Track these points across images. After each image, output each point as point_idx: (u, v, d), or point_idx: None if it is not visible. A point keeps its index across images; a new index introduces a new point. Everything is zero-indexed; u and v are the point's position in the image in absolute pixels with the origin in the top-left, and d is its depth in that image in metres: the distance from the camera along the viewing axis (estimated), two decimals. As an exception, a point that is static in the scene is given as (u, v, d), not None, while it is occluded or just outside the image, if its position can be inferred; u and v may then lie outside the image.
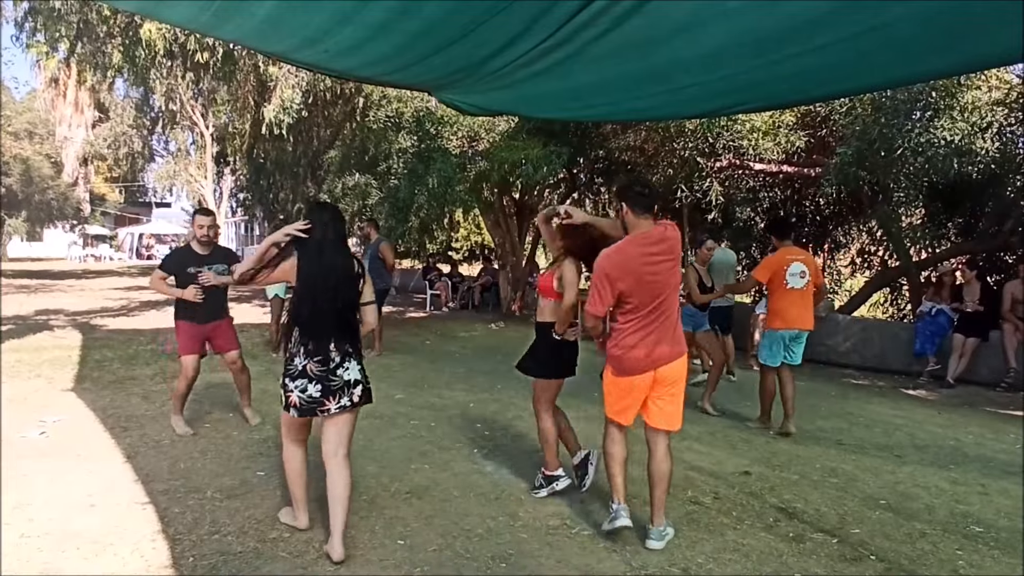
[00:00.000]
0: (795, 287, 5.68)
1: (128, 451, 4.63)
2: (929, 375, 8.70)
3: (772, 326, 5.79)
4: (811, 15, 2.50)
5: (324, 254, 3.25)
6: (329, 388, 3.23)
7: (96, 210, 43.49)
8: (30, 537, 3.31)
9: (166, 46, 11.43)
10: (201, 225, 5.13)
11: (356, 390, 3.31)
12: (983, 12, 2.26)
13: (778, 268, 5.75)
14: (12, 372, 7.00)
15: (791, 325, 5.69)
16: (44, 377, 6.87)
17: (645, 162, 11.39)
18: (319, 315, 3.21)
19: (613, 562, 3.26)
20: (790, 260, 5.73)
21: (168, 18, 5.48)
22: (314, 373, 3.21)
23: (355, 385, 3.31)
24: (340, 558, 3.15)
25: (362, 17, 3.02)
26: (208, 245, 5.15)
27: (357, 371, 3.33)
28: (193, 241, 5.18)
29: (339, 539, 3.18)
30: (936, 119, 7.77)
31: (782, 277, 5.70)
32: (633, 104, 4.19)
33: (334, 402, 3.24)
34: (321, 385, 3.22)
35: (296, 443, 3.45)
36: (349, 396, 3.28)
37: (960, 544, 3.64)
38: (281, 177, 22.32)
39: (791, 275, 5.68)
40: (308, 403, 3.22)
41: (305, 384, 3.21)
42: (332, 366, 3.24)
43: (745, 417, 6.24)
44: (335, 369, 3.25)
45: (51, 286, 18.97)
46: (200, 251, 5.12)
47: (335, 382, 3.24)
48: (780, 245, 5.92)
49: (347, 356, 3.29)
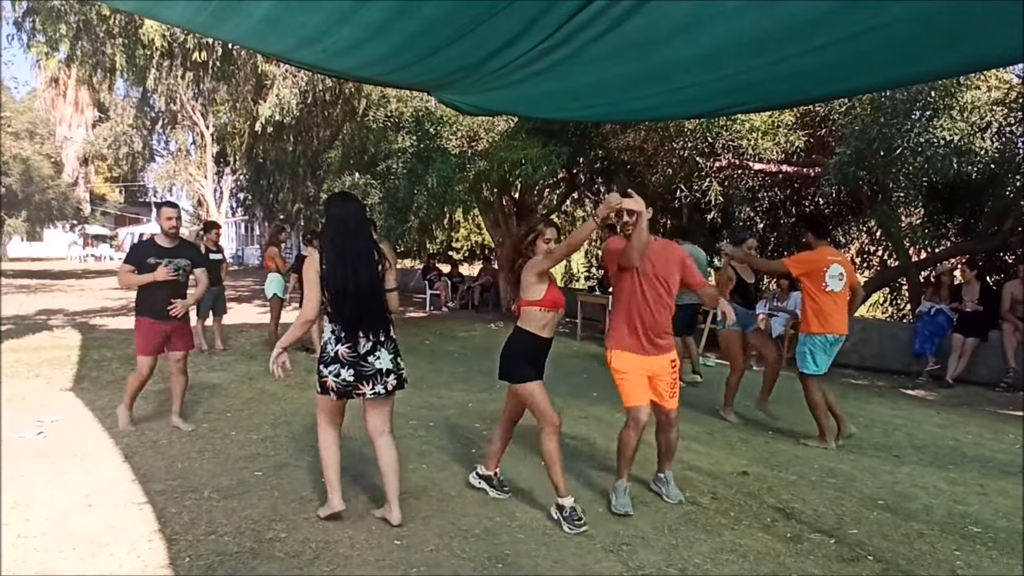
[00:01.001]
0: (834, 290, 5.38)
1: (126, 451, 4.63)
2: (928, 375, 8.69)
3: (812, 330, 5.44)
4: (810, 15, 2.50)
5: (345, 241, 3.38)
6: (362, 373, 3.39)
7: (96, 210, 43.53)
8: (27, 537, 3.31)
9: (165, 45, 11.43)
10: (169, 217, 5.06)
11: (389, 379, 3.48)
12: (982, 12, 2.26)
13: (817, 268, 5.40)
14: (11, 372, 6.99)
15: (833, 330, 5.39)
16: (43, 377, 6.87)
17: (644, 162, 11.39)
18: (344, 301, 3.35)
19: (610, 562, 3.25)
20: (831, 261, 5.40)
21: (166, 18, 5.48)
22: (346, 358, 3.37)
23: (387, 374, 3.46)
24: (398, 521, 3.47)
25: (360, 17, 3.02)
26: (173, 238, 5.10)
27: (389, 360, 3.47)
28: (159, 235, 5.12)
29: (396, 504, 3.50)
30: (935, 119, 7.76)
31: (822, 278, 5.36)
32: (632, 104, 4.19)
33: (368, 387, 3.40)
34: (353, 370, 3.37)
35: (332, 425, 3.58)
36: (383, 384, 3.45)
37: (958, 544, 3.63)
38: (281, 177, 22.35)
39: (831, 277, 5.37)
40: (343, 386, 3.38)
41: (338, 369, 3.37)
42: (363, 352, 3.39)
43: (747, 417, 6.24)
44: (366, 356, 3.40)
45: (51, 286, 18.98)
46: (164, 244, 5.07)
47: (367, 368, 3.39)
48: (817, 244, 5.56)
49: (378, 344, 3.44)
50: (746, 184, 10.98)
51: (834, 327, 5.40)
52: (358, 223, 3.47)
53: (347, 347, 3.37)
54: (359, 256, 3.40)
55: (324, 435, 3.58)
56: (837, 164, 8.32)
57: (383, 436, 3.57)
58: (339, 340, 3.39)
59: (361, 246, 3.42)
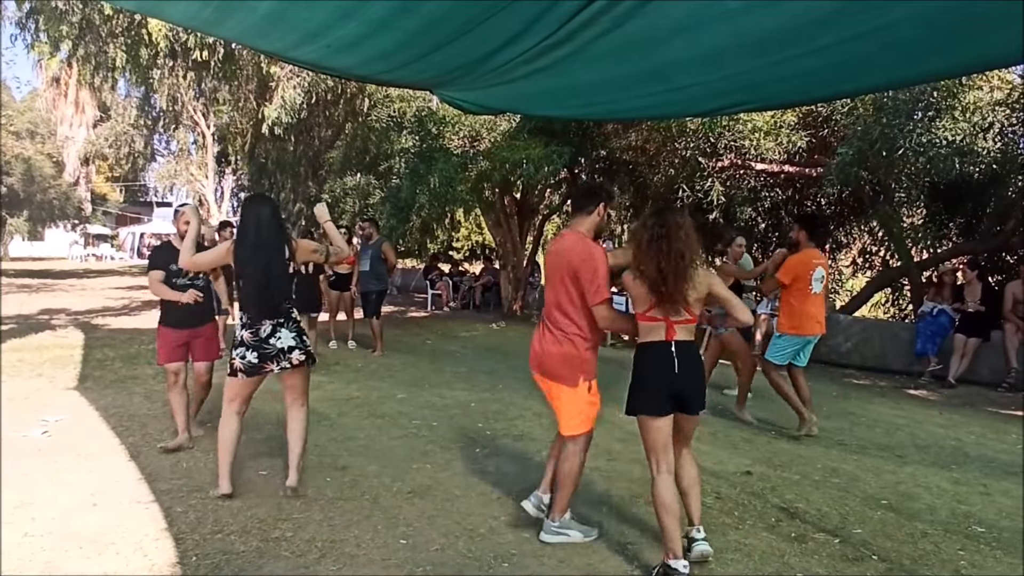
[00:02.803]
0: (816, 292, 5.49)
1: (130, 450, 4.63)
2: (930, 375, 8.70)
3: (793, 331, 5.54)
4: (813, 16, 2.50)
5: (255, 237, 3.75)
6: (265, 354, 3.73)
7: (97, 209, 43.54)
8: (33, 536, 3.31)
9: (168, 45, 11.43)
10: (186, 221, 4.81)
11: (293, 355, 3.78)
12: (985, 13, 2.26)
13: (803, 272, 5.48)
14: (14, 371, 7.00)
15: (814, 331, 5.51)
16: (46, 376, 6.88)
17: (646, 162, 11.41)
18: (250, 290, 3.74)
19: (616, 562, 3.26)
20: (815, 264, 5.49)
21: (169, 16, 5.46)
22: (249, 342, 3.73)
23: (290, 351, 3.77)
24: (293, 484, 3.80)
25: (363, 13, 3.03)
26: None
27: (290, 338, 3.78)
28: (175, 237, 5.00)
29: (294, 470, 3.85)
30: (938, 119, 7.78)
31: (807, 282, 5.44)
32: (633, 103, 4.19)
33: (274, 364, 3.75)
34: (257, 352, 3.72)
35: (234, 413, 3.88)
36: (288, 360, 3.77)
37: (962, 544, 3.64)
38: (282, 177, 22.35)
39: (816, 280, 5.46)
40: (250, 367, 3.73)
41: (244, 352, 3.73)
42: (264, 336, 3.73)
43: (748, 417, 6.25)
44: (267, 339, 3.74)
45: (52, 285, 18.98)
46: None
47: (268, 350, 3.74)
48: (807, 245, 5.63)
49: (278, 327, 3.76)
50: (748, 184, 11.00)
51: (815, 329, 5.55)
52: (266, 221, 3.79)
53: (251, 332, 3.73)
54: (262, 249, 3.73)
55: (226, 418, 3.86)
56: (839, 164, 8.33)
57: (294, 407, 3.94)
58: (244, 326, 3.76)
59: (267, 244, 3.75)
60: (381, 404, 6.21)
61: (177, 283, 4.86)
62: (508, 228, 14.35)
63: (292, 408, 3.96)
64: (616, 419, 5.86)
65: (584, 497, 4.02)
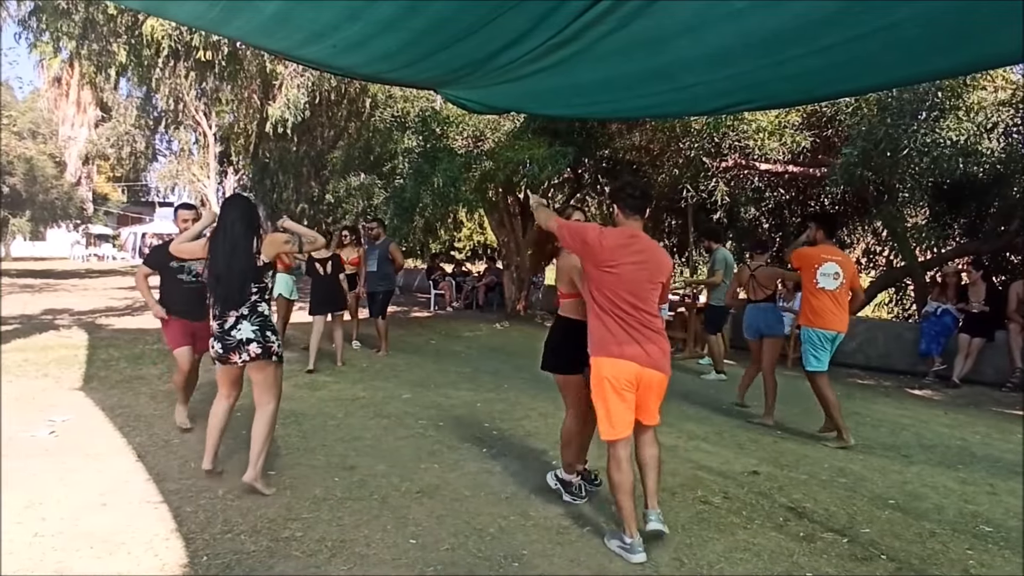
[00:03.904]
0: (826, 288, 5.46)
1: (138, 450, 4.63)
2: (934, 375, 8.71)
3: (806, 323, 5.59)
4: (817, 16, 2.51)
5: (226, 236, 3.92)
6: (227, 345, 3.89)
7: (99, 210, 43.49)
8: (43, 536, 3.32)
9: (171, 45, 11.44)
10: (185, 220, 4.95)
11: (250, 347, 3.88)
12: (989, 12, 2.27)
13: (809, 264, 5.54)
14: (20, 371, 7.01)
15: (825, 326, 5.48)
16: (51, 376, 6.88)
17: (650, 162, 11.40)
18: (218, 285, 3.91)
19: (625, 561, 3.26)
20: (824, 259, 5.50)
21: (175, 16, 5.47)
22: (216, 332, 3.93)
23: (248, 343, 3.88)
24: (251, 480, 3.85)
25: (370, 14, 3.04)
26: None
27: (250, 331, 3.90)
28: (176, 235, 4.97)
29: (255, 467, 3.89)
30: (942, 119, 7.78)
31: (813, 275, 5.49)
32: (637, 102, 4.20)
33: (236, 356, 3.89)
34: (221, 344, 3.90)
35: (222, 398, 4.11)
36: (246, 351, 3.88)
37: (970, 544, 3.64)
38: (284, 177, 22.32)
39: (822, 275, 5.46)
40: (218, 355, 3.93)
41: (213, 342, 3.95)
42: (227, 327, 3.89)
43: (752, 415, 6.26)
44: (229, 330, 3.89)
45: (55, 285, 18.99)
46: None
47: (230, 341, 3.89)
48: (821, 241, 5.68)
49: (240, 319, 3.90)
50: (752, 184, 11.00)
51: (828, 324, 5.50)
52: (234, 218, 3.96)
53: (217, 324, 3.93)
54: (227, 244, 3.90)
55: (215, 404, 4.11)
56: (843, 164, 8.34)
57: (259, 404, 4.02)
58: (213, 317, 3.98)
59: (238, 243, 3.91)
60: (387, 404, 6.22)
61: (182, 279, 4.99)
62: (512, 228, 14.35)
63: (257, 405, 4.04)
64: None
65: (599, 494, 4.03)
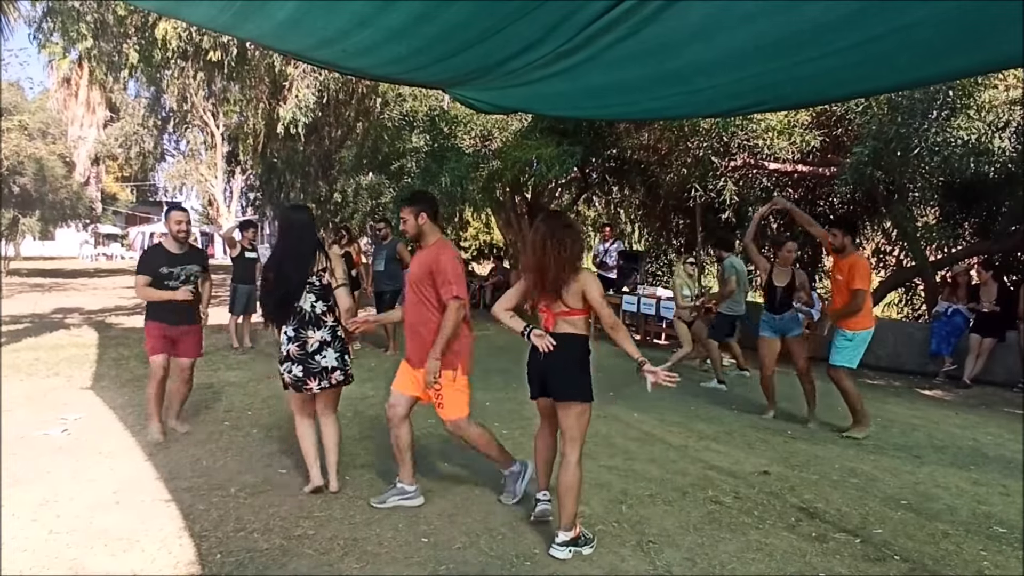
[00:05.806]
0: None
1: (149, 449, 4.66)
2: (945, 375, 8.67)
3: (863, 326, 5.70)
4: (831, 17, 2.49)
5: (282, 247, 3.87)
6: (310, 370, 3.79)
7: (108, 209, 43.69)
8: (59, 533, 3.34)
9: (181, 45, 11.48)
10: (178, 221, 4.89)
11: (334, 375, 3.85)
12: (1003, 12, 2.25)
13: (868, 274, 5.77)
14: (31, 370, 7.06)
15: (871, 326, 5.76)
16: (63, 375, 6.92)
17: (658, 161, 11.38)
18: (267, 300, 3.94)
19: (637, 560, 3.26)
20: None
21: (187, 17, 5.51)
22: (295, 355, 3.78)
23: (332, 371, 3.84)
24: (336, 489, 3.92)
25: (381, 21, 3.04)
26: (183, 244, 4.93)
27: (334, 358, 3.84)
28: (166, 239, 4.95)
29: (334, 475, 3.96)
30: (953, 118, 7.72)
31: (870, 283, 5.79)
32: (648, 104, 4.19)
33: (315, 382, 3.81)
34: (302, 368, 3.78)
35: (303, 416, 4.00)
36: (328, 380, 3.84)
37: (984, 544, 3.63)
38: (292, 176, 22.38)
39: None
40: (296, 380, 3.81)
41: (291, 366, 3.79)
42: (311, 351, 3.78)
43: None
44: (313, 355, 3.78)
45: (64, 284, 19.10)
46: (173, 250, 4.89)
47: (313, 366, 3.79)
48: (851, 249, 5.82)
49: (324, 345, 3.81)
50: (761, 184, 10.95)
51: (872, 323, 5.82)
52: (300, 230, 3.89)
53: (297, 346, 3.79)
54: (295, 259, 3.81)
55: (299, 426, 4.01)
56: (853, 163, 8.29)
57: (326, 418, 4.02)
58: (289, 339, 3.81)
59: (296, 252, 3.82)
60: (396, 403, 6.21)
61: (170, 285, 4.86)
62: (519, 228, 14.33)
63: (323, 417, 4.02)
64: (631, 419, 5.89)
65: (603, 495, 4.04)
